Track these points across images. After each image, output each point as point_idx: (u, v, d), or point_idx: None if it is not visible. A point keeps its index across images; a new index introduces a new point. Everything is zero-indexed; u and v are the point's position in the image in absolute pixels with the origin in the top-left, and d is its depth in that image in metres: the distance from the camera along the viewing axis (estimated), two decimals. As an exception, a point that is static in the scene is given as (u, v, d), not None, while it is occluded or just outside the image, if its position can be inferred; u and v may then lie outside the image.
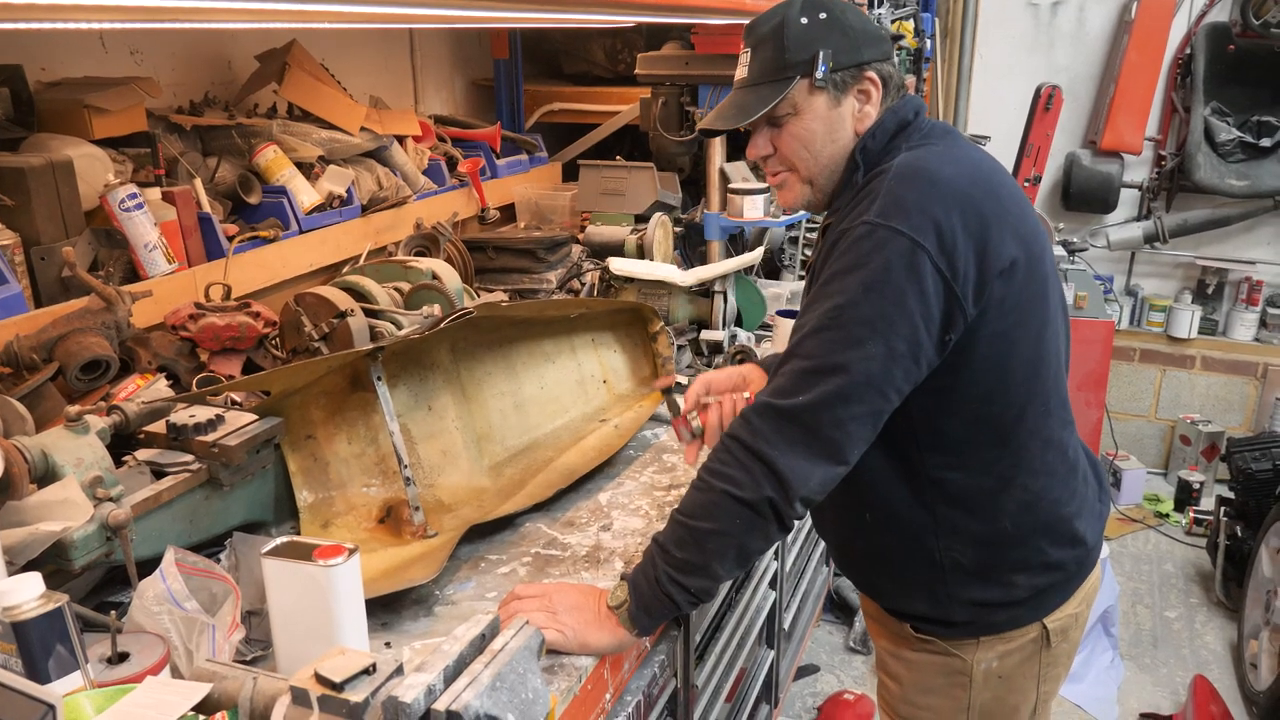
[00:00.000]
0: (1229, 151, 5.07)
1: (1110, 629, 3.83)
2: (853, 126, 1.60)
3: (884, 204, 1.44)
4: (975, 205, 1.45)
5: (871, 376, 1.42)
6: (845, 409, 1.43)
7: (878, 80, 1.59)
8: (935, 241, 1.41)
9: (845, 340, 1.42)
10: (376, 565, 1.69)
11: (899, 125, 1.59)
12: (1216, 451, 5.23)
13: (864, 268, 1.42)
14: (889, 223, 1.42)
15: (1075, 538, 1.68)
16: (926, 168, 1.48)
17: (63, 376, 1.83)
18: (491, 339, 2.21)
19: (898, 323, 1.41)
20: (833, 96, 1.57)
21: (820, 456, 1.44)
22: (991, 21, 5.50)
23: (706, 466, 1.52)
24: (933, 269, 1.41)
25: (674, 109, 3.44)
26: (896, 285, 1.41)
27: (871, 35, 1.59)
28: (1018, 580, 1.65)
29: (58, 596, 1.18)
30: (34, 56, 2.31)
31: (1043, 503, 1.63)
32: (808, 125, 1.59)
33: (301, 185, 2.72)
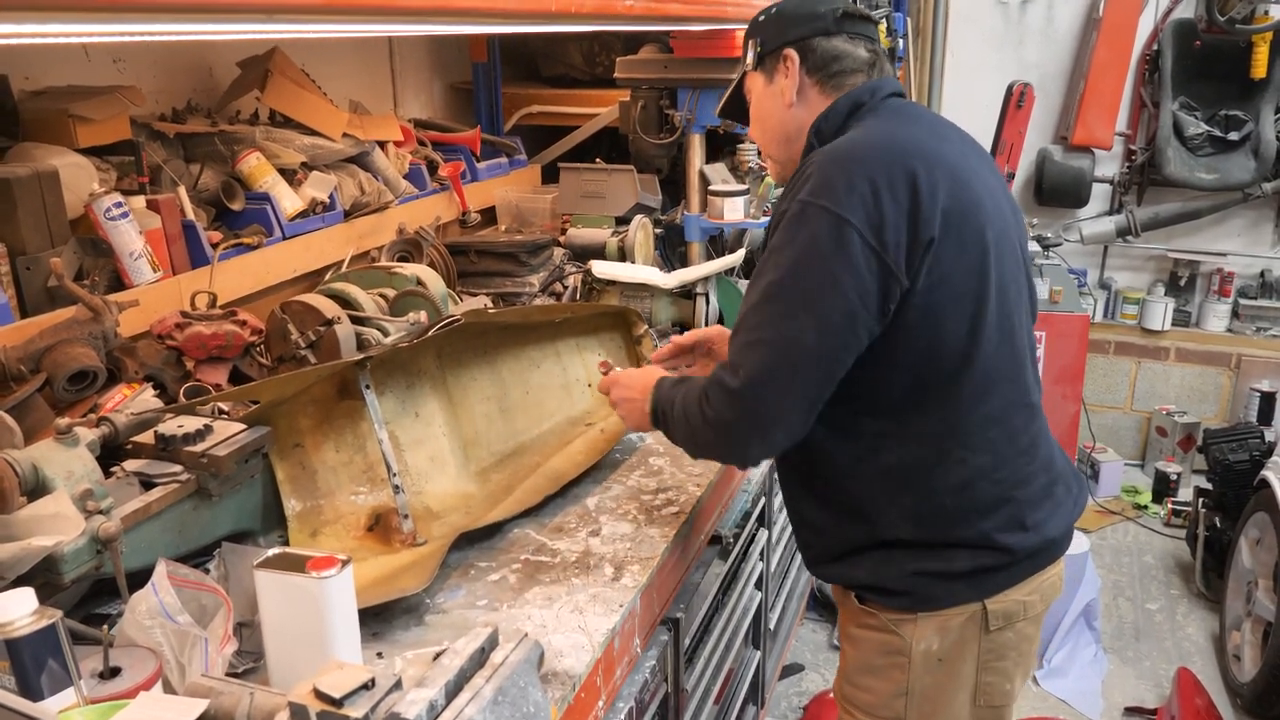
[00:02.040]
0: (1198, 145, 5.13)
1: (1093, 622, 3.88)
2: (782, 101, 1.75)
3: (814, 183, 1.53)
4: (902, 174, 1.51)
5: (806, 348, 1.52)
6: (783, 380, 1.54)
7: (794, 54, 1.72)
8: (862, 216, 1.49)
9: (780, 314, 1.53)
10: (366, 574, 1.70)
11: (852, 106, 1.69)
12: (1193, 442, 5.30)
13: (795, 244, 1.53)
14: (818, 200, 1.51)
15: (1023, 524, 1.67)
16: (856, 144, 1.58)
17: (50, 387, 1.82)
18: (477, 344, 2.22)
19: (829, 295, 1.50)
20: (766, 77, 1.77)
21: (762, 427, 1.58)
22: (962, 19, 5.54)
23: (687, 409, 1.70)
24: (860, 242, 1.48)
25: (653, 111, 3.46)
26: (825, 260, 1.50)
27: (803, 15, 1.73)
28: (957, 556, 1.66)
29: (50, 612, 1.18)
30: (18, 66, 2.30)
31: (984, 481, 1.64)
32: (756, 107, 1.82)
33: (284, 191, 2.71)
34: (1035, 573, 1.73)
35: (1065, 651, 3.80)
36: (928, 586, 1.68)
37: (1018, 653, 1.76)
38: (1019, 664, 1.78)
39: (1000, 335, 1.62)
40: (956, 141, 1.70)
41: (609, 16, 1.65)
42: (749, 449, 1.65)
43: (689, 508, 2.00)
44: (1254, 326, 5.38)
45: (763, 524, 2.66)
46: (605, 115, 4.08)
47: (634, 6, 1.69)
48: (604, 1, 1.56)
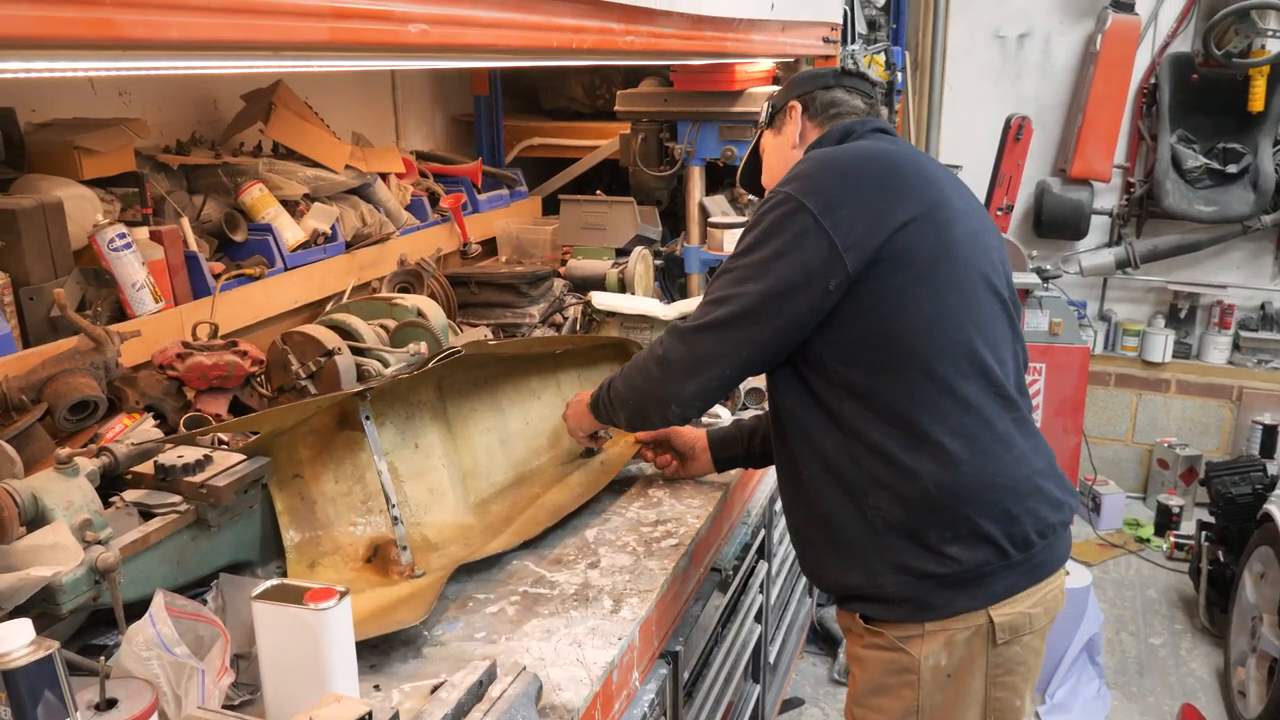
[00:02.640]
0: (1196, 178, 5.16)
1: (1095, 657, 3.85)
2: (788, 144, 2.02)
3: (789, 176, 1.78)
4: (869, 177, 1.74)
5: (749, 308, 1.72)
6: (727, 330, 1.75)
7: (797, 105, 2.01)
8: (819, 203, 1.68)
9: (735, 279, 1.75)
10: (365, 606, 1.70)
11: (844, 133, 1.93)
12: (1195, 475, 5.29)
13: (760, 224, 1.75)
14: (784, 189, 1.73)
15: (1009, 516, 1.71)
16: (831, 153, 1.82)
17: (51, 417, 1.83)
18: (478, 375, 2.22)
19: (778, 267, 1.69)
20: (775, 130, 2.07)
21: (700, 365, 1.79)
22: (960, 53, 5.59)
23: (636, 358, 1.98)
24: (814, 224, 1.67)
25: (653, 144, 3.49)
26: (778, 236, 1.70)
27: (805, 78, 2.04)
28: (950, 551, 1.69)
29: (48, 643, 1.17)
30: (24, 98, 2.32)
31: (963, 466, 1.68)
32: (767, 156, 2.11)
33: (287, 223, 2.73)
34: (1036, 583, 1.76)
35: (1068, 686, 3.78)
36: (927, 593, 1.71)
37: (1025, 668, 1.79)
38: (1027, 679, 1.81)
39: (980, 332, 1.73)
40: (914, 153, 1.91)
41: (609, 52, 1.67)
42: (685, 385, 1.81)
43: (688, 540, 2.00)
44: (1255, 359, 5.38)
45: (763, 556, 2.65)
46: (605, 148, 4.11)
47: (634, 42, 1.71)
48: (604, 37, 1.58)
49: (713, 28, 2.21)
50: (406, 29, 1.02)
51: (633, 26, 1.70)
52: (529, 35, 1.32)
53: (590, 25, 1.50)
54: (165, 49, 0.77)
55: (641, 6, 1.70)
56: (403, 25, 1.01)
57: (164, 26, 0.73)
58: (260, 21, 0.81)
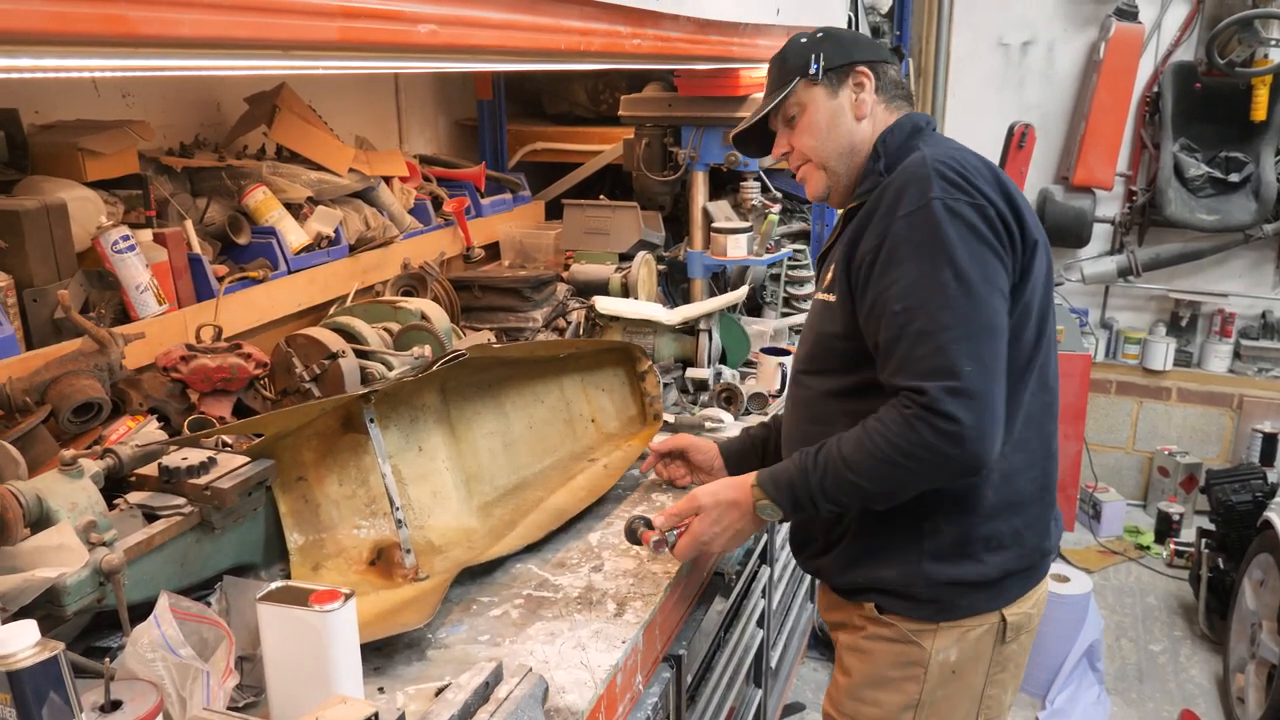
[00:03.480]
0: (1199, 187, 5.16)
1: (1095, 664, 3.85)
2: (853, 112, 1.81)
3: (943, 182, 1.60)
4: (1006, 183, 1.66)
5: (1004, 328, 1.59)
6: (996, 363, 1.57)
7: (869, 72, 1.81)
8: (995, 203, 1.60)
9: (974, 300, 1.56)
10: (369, 609, 1.69)
11: (914, 127, 1.80)
12: (1195, 483, 5.28)
13: (959, 235, 1.57)
14: (957, 193, 1.59)
15: (1046, 528, 1.78)
16: (957, 154, 1.67)
17: (55, 419, 1.83)
18: (481, 379, 2.22)
19: (1000, 272, 1.60)
20: (830, 89, 1.81)
21: (996, 416, 1.55)
22: (963, 61, 5.59)
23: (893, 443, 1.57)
24: (1001, 221, 1.60)
25: (657, 149, 3.49)
26: (989, 241, 1.58)
27: (864, 42, 1.86)
28: (990, 560, 1.71)
29: (53, 644, 1.17)
30: (28, 100, 2.32)
31: (1020, 478, 1.72)
32: (812, 117, 1.82)
33: (290, 226, 2.73)
34: (1037, 583, 1.82)
35: (1069, 693, 3.77)
36: (956, 596, 1.73)
37: (1015, 665, 1.84)
38: (1016, 676, 1.85)
39: (1048, 344, 1.75)
40: None
41: (616, 55, 1.67)
42: (992, 443, 1.55)
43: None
44: (1256, 367, 5.38)
45: (765, 561, 2.65)
46: (609, 152, 4.11)
47: (640, 45, 1.71)
48: (611, 40, 1.58)
49: (718, 32, 2.21)
50: (416, 29, 1.02)
51: (639, 30, 1.70)
52: (537, 37, 1.32)
53: (598, 28, 1.50)
54: (176, 46, 0.77)
55: (648, 9, 1.70)
56: (412, 25, 1.01)
57: (176, 24, 0.73)
58: (271, 20, 0.81)
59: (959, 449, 1.53)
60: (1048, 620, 3.81)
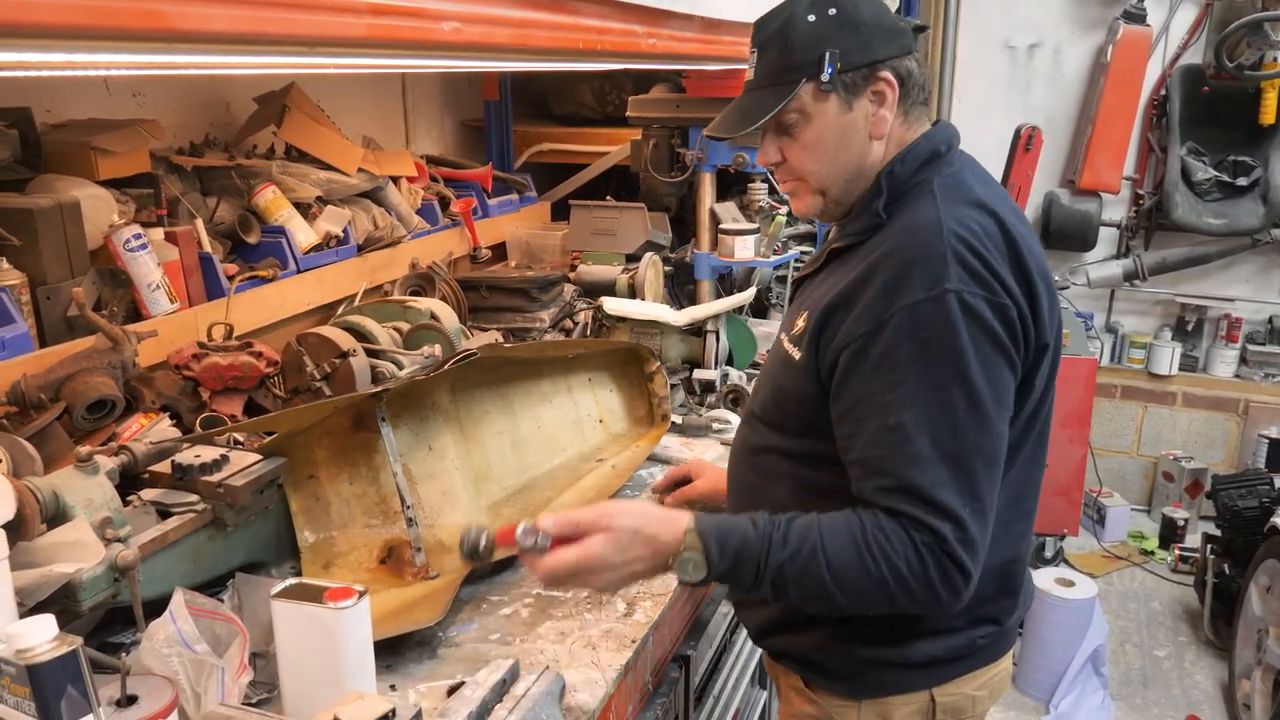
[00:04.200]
0: (1206, 190, 5.15)
1: (1100, 669, 3.84)
2: (867, 131, 1.49)
3: (959, 269, 1.34)
4: (1025, 274, 1.40)
5: (999, 457, 1.39)
6: (993, 495, 1.38)
7: (893, 80, 1.47)
8: (1013, 300, 1.37)
9: (984, 426, 1.35)
10: (380, 607, 1.70)
11: (930, 154, 1.49)
12: (1200, 488, 5.28)
13: (971, 341, 1.33)
14: (974, 287, 1.34)
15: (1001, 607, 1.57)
16: (977, 228, 1.39)
17: (69, 416, 1.83)
18: (490, 378, 2.23)
19: (1008, 387, 1.39)
20: (843, 100, 1.47)
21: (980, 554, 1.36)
22: (969, 63, 5.59)
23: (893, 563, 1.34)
24: (1020, 323, 1.38)
25: (664, 150, 3.48)
26: (1005, 350, 1.36)
27: (888, 29, 1.47)
28: (920, 644, 1.53)
29: (71, 639, 1.18)
30: (39, 99, 2.33)
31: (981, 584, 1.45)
32: (817, 133, 1.49)
33: (299, 225, 2.73)
34: (989, 663, 1.60)
35: (1073, 697, 3.77)
36: (878, 673, 1.55)
37: None
38: None
39: (1040, 426, 1.54)
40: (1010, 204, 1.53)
41: (631, 55, 1.67)
42: (970, 583, 1.37)
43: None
44: (1262, 372, 5.37)
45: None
46: (615, 154, 4.12)
47: (655, 45, 1.72)
48: (627, 39, 1.59)
49: (730, 32, 2.21)
50: (440, 26, 1.02)
51: (654, 29, 1.70)
52: (556, 35, 1.32)
53: (614, 27, 1.51)
54: (209, 42, 0.77)
55: (662, 9, 1.70)
56: (436, 23, 1.02)
57: (209, 19, 0.73)
58: (302, 16, 0.82)
59: (953, 598, 1.36)
60: (1052, 625, 3.82)
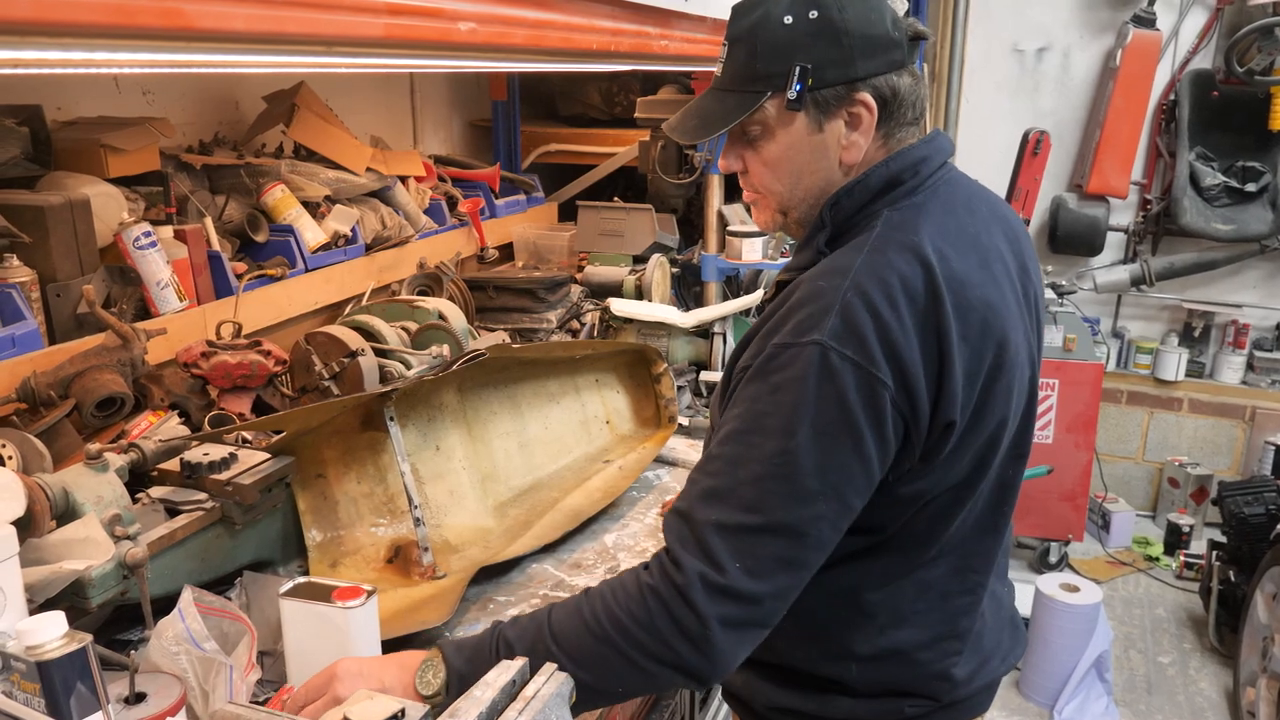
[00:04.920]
0: (1214, 196, 5.14)
1: (1104, 674, 3.84)
2: (837, 156, 1.33)
3: (840, 323, 1.19)
4: (940, 340, 1.22)
5: (823, 540, 1.22)
6: (792, 576, 1.22)
7: (872, 103, 1.30)
8: (894, 375, 1.20)
9: (795, 495, 1.19)
10: (387, 606, 1.70)
11: (886, 183, 1.33)
12: (1205, 494, 5.27)
13: (816, 403, 1.18)
14: (844, 349, 1.18)
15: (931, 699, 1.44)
16: (891, 280, 1.22)
17: (78, 413, 1.83)
18: (498, 379, 2.23)
19: (855, 474, 1.21)
20: (813, 119, 1.31)
21: (755, 631, 1.24)
22: (977, 67, 5.58)
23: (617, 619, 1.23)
24: (892, 407, 1.20)
25: (673, 152, 3.49)
26: (854, 427, 1.19)
27: (875, 41, 1.29)
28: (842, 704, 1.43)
29: (81, 636, 1.18)
30: (50, 96, 2.33)
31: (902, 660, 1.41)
32: (781, 151, 1.34)
33: (308, 224, 2.74)
34: None
35: (1077, 703, 3.77)
36: None
37: None
38: None
39: (989, 507, 1.40)
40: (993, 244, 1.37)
41: (644, 56, 1.67)
42: (734, 658, 1.22)
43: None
44: (1269, 379, 5.36)
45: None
46: (623, 155, 4.12)
47: (668, 46, 1.71)
48: (640, 40, 1.59)
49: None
50: (457, 26, 1.02)
51: (667, 31, 1.70)
52: (570, 36, 1.32)
53: (628, 28, 1.51)
54: (229, 41, 0.77)
55: (675, 10, 1.70)
56: (453, 23, 1.02)
57: (229, 18, 0.73)
58: (321, 15, 0.82)
59: (695, 650, 1.19)
60: (1057, 630, 3.82)
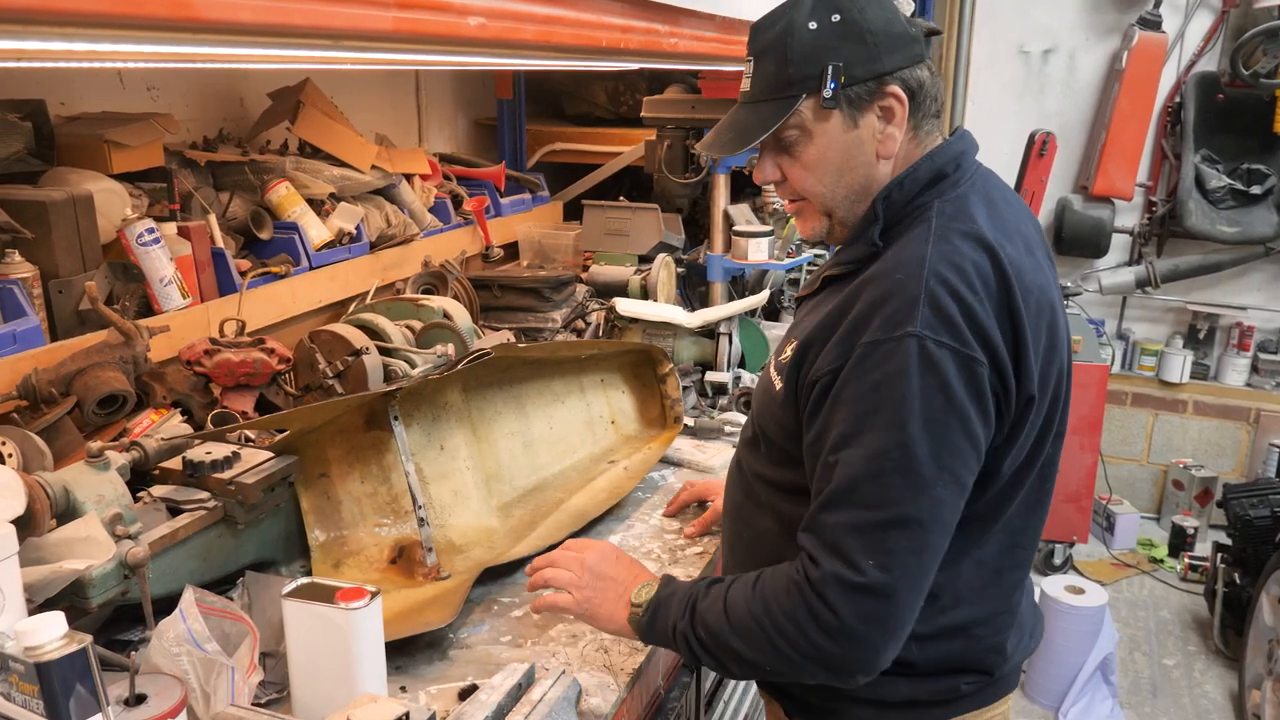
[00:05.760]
0: (1219, 198, 5.13)
1: (1109, 677, 3.82)
2: (874, 150, 1.39)
3: (929, 312, 1.25)
4: (1013, 317, 1.29)
5: (946, 523, 1.28)
6: (922, 567, 1.28)
7: (902, 95, 1.36)
8: (988, 353, 1.26)
9: (915, 485, 1.24)
10: (391, 607, 1.68)
11: (933, 176, 1.39)
12: (1210, 497, 5.25)
13: (923, 392, 1.23)
14: (939, 336, 1.24)
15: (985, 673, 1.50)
16: (965, 265, 1.29)
17: (79, 410, 1.82)
18: (502, 378, 2.21)
19: (966, 454, 1.27)
20: (848, 116, 1.37)
21: (898, 627, 1.28)
22: (983, 68, 5.57)
23: (768, 604, 1.32)
24: (989, 384, 1.27)
25: (679, 151, 3.47)
26: (960, 410, 1.25)
27: (897, 37, 1.36)
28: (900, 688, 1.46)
29: (81, 636, 1.17)
30: (53, 91, 2.32)
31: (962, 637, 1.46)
32: (820, 152, 1.39)
33: (312, 221, 2.72)
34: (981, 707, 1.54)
35: (1082, 705, 3.75)
36: (857, 710, 1.50)
37: None
38: None
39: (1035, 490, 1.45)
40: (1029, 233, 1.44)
41: (653, 54, 1.66)
42: (881, 656, 1.28)
43: (712, 549, 1.98)
44: (1274, 381, 5.34)
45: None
46: (629, 154, 4.11)
47: (677, 44, 1.70)
48: (649, 38, 1.57)
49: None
50: (466, 21, 1.01)
51: (676, 29, 1.69)
52: (579, 33, 1.31)
53: (637, 25, 1.49)
54: (235, 33, 0.76)
55: (684, 8, 1.68)
56: (462, 18, 1.00)
57: (236, 8, 0.72)
58: (329, 8, 0.80)
59: (834, 645, 1.26)
60: (1062, 632, 3.80)
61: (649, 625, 1.46)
